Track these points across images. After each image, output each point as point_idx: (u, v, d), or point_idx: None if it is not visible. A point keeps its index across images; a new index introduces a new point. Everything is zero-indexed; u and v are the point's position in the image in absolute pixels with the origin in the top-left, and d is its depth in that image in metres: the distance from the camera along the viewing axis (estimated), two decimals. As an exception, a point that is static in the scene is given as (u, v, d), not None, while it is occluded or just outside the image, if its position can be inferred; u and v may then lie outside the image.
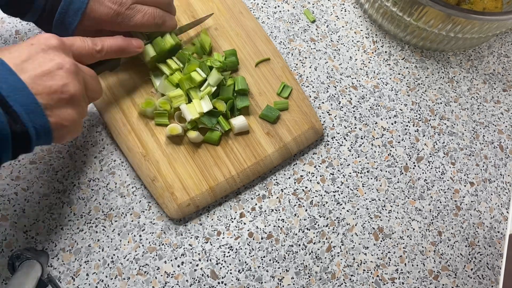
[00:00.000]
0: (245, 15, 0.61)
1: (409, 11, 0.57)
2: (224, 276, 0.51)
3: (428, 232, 0.55)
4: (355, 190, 0.56)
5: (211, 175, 0.53)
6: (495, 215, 0.57)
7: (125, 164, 0.55)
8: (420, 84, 0.62)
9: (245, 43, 0.59)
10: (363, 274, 0.53)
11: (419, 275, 0.53)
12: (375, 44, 0.64)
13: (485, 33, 0.58)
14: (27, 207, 0.52)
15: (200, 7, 0.60)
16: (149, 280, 0.51)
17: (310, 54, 0.62)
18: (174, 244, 0.52)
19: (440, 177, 0.58)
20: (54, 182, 0.53)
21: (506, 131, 0.61)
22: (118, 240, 0.52)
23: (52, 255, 0.51)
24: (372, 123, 0.60)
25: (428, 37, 0.60)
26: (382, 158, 0.58)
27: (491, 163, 0.59)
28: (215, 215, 0.54)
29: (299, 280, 0.52)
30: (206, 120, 0.53)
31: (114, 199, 0.53)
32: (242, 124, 0.54)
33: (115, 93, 0.55)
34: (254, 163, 0.54)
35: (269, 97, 0.57)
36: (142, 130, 0.54)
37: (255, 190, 0.55)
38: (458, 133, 0.60)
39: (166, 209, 0.52)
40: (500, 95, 0.63)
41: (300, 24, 0.64)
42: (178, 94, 0.53)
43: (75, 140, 0.55)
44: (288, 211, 0.55)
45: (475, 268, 0.54)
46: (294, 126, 0.56)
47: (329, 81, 0.61)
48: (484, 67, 0.65)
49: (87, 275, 0.50)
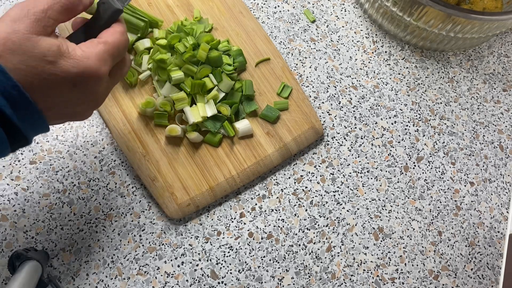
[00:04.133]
0: (245, 15, 0.61)
1: (409, 11, 0.57)
2: (224, 276, 0.51)
3: (428, 232, 0.55)
4: (355, 190, 0.56)
5: (211, 175, 0.53)
6: (495, 215, 0.57)
7: (125, 164, 0.55)
8: (420, 84, 0.62)
9: (245, 43, 0.59)
10: (363, 274, 0.53)
11: (419, 275, 0.53)
12: (375, 44, 0.64)
13: (485, 33, 0.58)
14: (27, 207, 0.52)
15: (200, 7, 0.60)
16: (149, 280, 0.51)
17: (310, 54, 0.62)
18: (174, 244, 0.52)
19: (440, 177, 0.58)
20: (54, 182, 0.53)
21: (506, 131, 0.61)
22: (118, 240, 0.52)
23: (52, 255, 0.51)
24: (372, 123, 0.60)
25: (428, 37, 0.60)
26: (382, 158, 0.58)
27: (491, 163, 0.59)
28: (215, 215, 0.54)
29: (299, 280, 0.52)
30: (210, 124, 0.53)
31: (114, 199, 0.53)
32: (247, 128, 0.54)
33: (115, 93, 0.55)
34: (254, 163, 0.54)
35: (269, 97, 0.57)
36: (142, 130, 0.54)
37: (255, 190, 0.55)
38: (458, 133, 0.60)
39: (166, 209, 0.52)
40: (500, 95, 0.63)
41: (300, 24, 0.64)
42: (182, 96, 0.53)
43: (75, 140, 0.55)
44: (288, 211, 0.55)
45: (475, 268, 0.54)
46: (294, 126, 0.56)
47: (329, 81, 0.61)
48: (484, 67, 0.65)
49: (87, 275, 0.50)
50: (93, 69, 0.35)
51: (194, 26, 0.57)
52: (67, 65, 0.33)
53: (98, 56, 0.35)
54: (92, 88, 0.36)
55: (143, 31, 0.57)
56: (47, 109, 0.35)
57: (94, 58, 0.35)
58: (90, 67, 0.35)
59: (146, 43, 0.56)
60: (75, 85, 0.35)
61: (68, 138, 0.55)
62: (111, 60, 0.37)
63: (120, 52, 0.38)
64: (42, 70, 0.32)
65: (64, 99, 0.35)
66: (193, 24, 0.57)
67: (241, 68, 0.58)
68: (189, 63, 0.54)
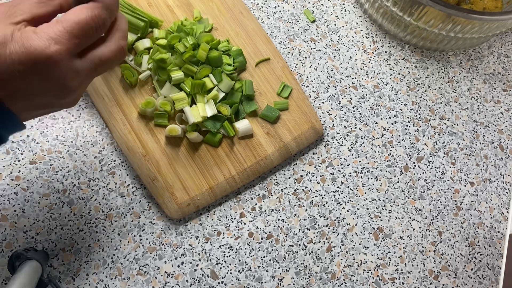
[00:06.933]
0: (245, 15, 0.61)
1: (409, 11, 0.57)
2: (224, 276, 0.51)
3: (428, 232, 0.55)
4: (355, 190, 0.56)
5: (211, 175, 0.53)
6: (495, 215, 0.57)
7: (125, 164, 0.55)
8: (420, 84, 0.62)
9: (245, 43, 0.59)
10: (363, 274, 0.53)
11: (419, 275, 0.53)
12: (375, 44, 0.64)
13: (485, 33, 0.58)
14: (27, 207, 0.52)
15: (200, 7, 0.60)
16: (149, 280, 0.51)
17: (310, 54, 0.62)
18: (174, 244, 0.52)
19: (440, 177, 0.58)
20: (54, 182, 0.53)
21: (506, 131, 0.61)
22: (118, 240, 0.52)
23: (52, 255, 0.51)
24: (372, 123, 0.60)
25: (428, 37, 0.60)
26: (382, 158, 0.58)
27: (491, 163, 0.59)
28: (215, 215, 0.54)
29: (299, 280, 0.52)
30: (210, 124, 0.53)
31: (114, 199, 0.53)
32: (247, 128, 0.54)
33: (115, 93, 0.55)
34: (254, 163, 0.54)
35: (269, 97, 0.57)
36: (142, 130, 0.54)
37: (255, 190, 0.55)
38: (458, 133, 0.60)
39: (166, 209, 0.52)
40: (500, 95, 0.63)
41: (300, 24, 0.64)
42: (182, 96, 0.53)
43: (75, 140, 0.55)
44: (288, 211, 0.55)
45: (475, 268, 0.54)
46: (294, 126, 0.56)
47: (329, 81, 0.61)
48: (484, 67, 0.65)
49: (87, 275, 0.50)
50: (39, 48, 0.31)
51: (194, 26, 0.57)
52: (15, 46, 0.31)
53: (48, 35, 0.31)
54: (48, 72, 0.32)
55: (143, 31, 0.57)
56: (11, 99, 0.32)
57: (43, 37, 0.31)
58: (36, 46, 0.31)
59: (146, 43, 0.56)
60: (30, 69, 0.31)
61: (68, 138, 0.55)
62: (70, 39, 0.32)
63: (86, 30, 0.33)
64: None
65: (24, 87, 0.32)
66: (193, 24, 0.57)
67: (241, 68, 0.58)
68: (189, 63, 0.54)
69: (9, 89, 0.32)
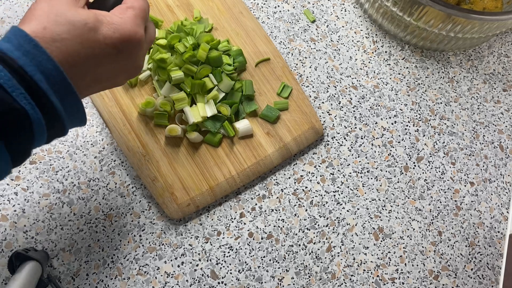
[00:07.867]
0: (245, 15, 0.61)
1: (409, 11, 0.57)
2: (224, 276, 0.51)
3: (428, 232, 0.55)
4: (355, 190, 0.56)
5: (211, 175, 0.53)
6: (495, 215, 0.57)
7: (125, 164, 0.55)
8: (420, 84, 0.62)
9: (245, 43, 0.59)
10: (363, 274, 0.53)
11: (419, 275, 0.53)
12: (375, 44, 0.64)
13: (485, 33, 0.58)
14: (27, 207, 0.52)
15: (200, 7, 0.60)
16: (149, 280, 0.51)
17: (310, 54, 0.62)
18: (174, 244, 0.52)
19: (440, 177, 0.58)
20: (54, 182, 0.53)
21: (506, 131, 0.61)
22: (118, 240, 0.52)
23: (52, 255, 0.51)
24: (372, 123, 0.60)
25: (428, 37, 0.60)
26: (382, 158, 0.58)
27: (491, 163, 0.59)
28: (215, 215, 0.54)
29: (299, 280, 0.52)
30: (210, 124, 0.53)
31: (114, 199, 0.53)
32: (247, 128, 0.54)
33: (115, 93, 0.55)
34: (254, 163, 0.54)
35: (269, 97, 0.57)
36: (142, 130, 0.54)
37: (255, 190, 0.55)
38: (458, 133, 0.60)
39: (166, 209, 0.52)
40: (500, 95, 0.63)
41: (300, 24, 0.64)
42: (182, 96, 0.53)
43: (75, 140, 0.55)
44: (288, 211, 0.55)
45: (475, 268, 0.54)
46: (294, 126, 0.56)
47: (329, 81, 0.61)
48: (484, 67, 0.65)
49: (87, 275, 0.50)
50: (132, 33, 0.35)
51: (194, 26, 0.57)
52: (108, 32, 0.34)
53: (132, 20, 0.35)
54: (135, 52, 0.36)
55: None
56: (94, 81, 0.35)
57: (131, 22, 0.35)
58: (129, 30, 0.35)
59: None
60: (120, 51, 0.35)
61: (68, 138, 0.55)
62: (143, 24, 0.37)
63: (147, 15, 0.38)
64: (87, 38, 0.32)
65: (109, 68, 0.35)
66: (193, 24, 0.57)
67: (241, 68, 0.58)
68: (189, 63, 0.54)
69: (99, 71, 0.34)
